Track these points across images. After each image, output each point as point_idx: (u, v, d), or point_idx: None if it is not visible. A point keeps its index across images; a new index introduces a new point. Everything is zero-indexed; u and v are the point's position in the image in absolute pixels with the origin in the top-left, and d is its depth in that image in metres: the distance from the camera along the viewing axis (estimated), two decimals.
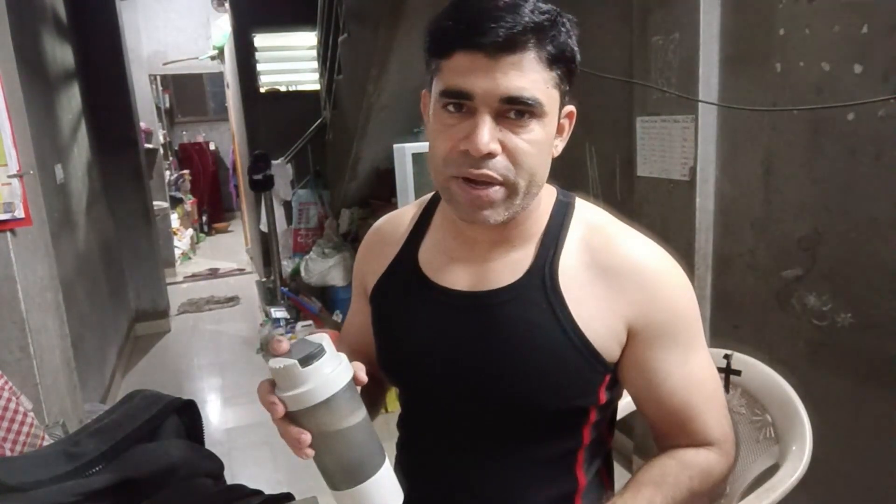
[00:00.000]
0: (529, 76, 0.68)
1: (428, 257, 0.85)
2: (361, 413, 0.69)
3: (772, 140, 1.62)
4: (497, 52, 0.66)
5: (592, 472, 0.85)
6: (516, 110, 0.69)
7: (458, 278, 0.82)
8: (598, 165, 2.31)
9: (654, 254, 0.79)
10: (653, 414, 0.82)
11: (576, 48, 0.72)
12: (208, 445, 1.17)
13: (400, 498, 0.72)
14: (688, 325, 0.79)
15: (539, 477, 0.82)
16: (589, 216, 0.82)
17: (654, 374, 0.78)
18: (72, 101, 3.31)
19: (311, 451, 0.66)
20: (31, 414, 1.46)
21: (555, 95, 0.71)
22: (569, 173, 2.40)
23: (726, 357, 1.23)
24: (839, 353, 1.50)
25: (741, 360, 1.23)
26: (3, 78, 1.59)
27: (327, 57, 4.21)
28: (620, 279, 0.76)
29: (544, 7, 0.69)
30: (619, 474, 0.92)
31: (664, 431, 0.83)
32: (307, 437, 0.65)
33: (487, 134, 0.68)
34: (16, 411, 1.42)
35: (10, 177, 1.58)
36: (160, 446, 1.09)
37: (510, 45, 0.66)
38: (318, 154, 4.86)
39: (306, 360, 0.64)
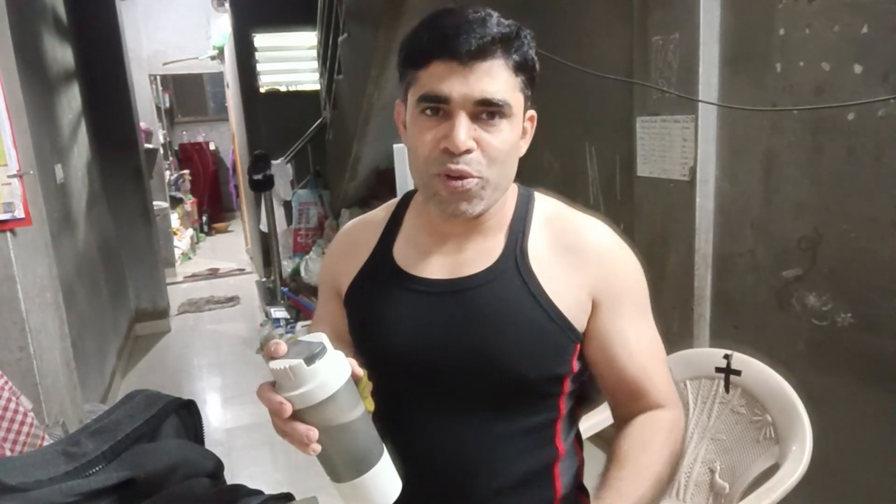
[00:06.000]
0: (499, 81, 0.77)
1: (402, 253, 0.91)
2: (361, 406, 0.71)
3: (772, 140, 1.62)
4: (470, 60, 0.75)
5: (569, 443, 0.92)
6: (488, 111, 0.78)
7: (434, 269, 0.88)
8: (598, 165, 2.31)
9: (608, 234, 0.90)
10: (613, 380, 0.88)
11: (535, 58, 0.82)
12: (208, 445, 1.17)
13: (399, 487, 0.74)
14: (638, 295, 0.89)
15: (522, 448, 0.87)
16: (547, 205, 0.92)
17: (617, 336, 0.86)
18: (72, 101, 3.31)
19: (318, 447, 0.67)
20: (31, 414, 1.46)
21: (520, 99, 0.81)
22: (569, 173, 2.40)
23: (726, 357, 1.23)
24: (839, 353, 1.50)
25: (741, 360, 1.23)
26: (3, 78, 1.59)
27: (327, 57, 4.21)
28: (581, 256, 0.86)
29: (507, 21, 0.79)
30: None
31: (621, 400, 0.89)
32: (315, 433, 0.67)
33: (465, 132, 0.77)
34: (16, 411, 1.42)
35: (10, 177, 1.58)
36: (160, 446, 1.08)
37: (482, 53, 0.75)
38: (318, 154, 4.86)
39: (311, 359, 0.66)
